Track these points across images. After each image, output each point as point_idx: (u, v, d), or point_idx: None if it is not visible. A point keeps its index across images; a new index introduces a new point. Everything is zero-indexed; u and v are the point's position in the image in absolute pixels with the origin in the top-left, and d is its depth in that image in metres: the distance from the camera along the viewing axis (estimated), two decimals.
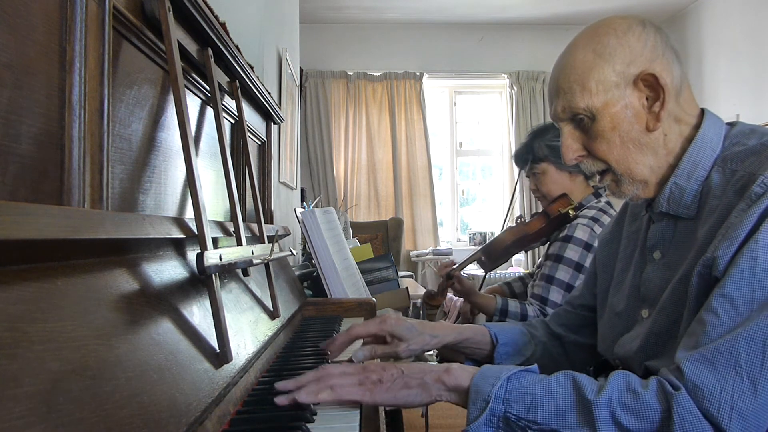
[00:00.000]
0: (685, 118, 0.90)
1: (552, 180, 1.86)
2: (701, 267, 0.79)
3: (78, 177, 0.61)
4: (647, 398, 0.72)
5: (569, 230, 1.76)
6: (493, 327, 1.15)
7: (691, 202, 0.88)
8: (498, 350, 1.12)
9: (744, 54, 4.65)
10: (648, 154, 0.89)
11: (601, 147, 0.90)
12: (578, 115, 0.90)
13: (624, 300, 1.01)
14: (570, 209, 1.79)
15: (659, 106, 0.87)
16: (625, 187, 0.92)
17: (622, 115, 0.88)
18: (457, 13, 5.48)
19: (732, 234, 0.76)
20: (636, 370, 0.93)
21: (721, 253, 0.77)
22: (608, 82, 0.87)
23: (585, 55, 0.89)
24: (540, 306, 1.75)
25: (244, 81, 1.28)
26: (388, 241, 5.05)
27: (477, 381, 0.78)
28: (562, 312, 1.21)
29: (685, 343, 0.76)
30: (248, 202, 1.42)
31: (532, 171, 1.90)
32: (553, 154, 1.83)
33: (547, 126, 1.93)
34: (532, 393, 0.76)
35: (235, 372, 0.79)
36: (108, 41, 0.66)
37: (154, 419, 0.54)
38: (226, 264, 0.82)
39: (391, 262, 2.30)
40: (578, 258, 1.72)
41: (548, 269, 1.76)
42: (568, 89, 0.90)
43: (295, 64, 3.62)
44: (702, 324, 0.75)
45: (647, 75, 0.86)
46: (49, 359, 0.44)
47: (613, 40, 0.88)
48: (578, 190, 1.86)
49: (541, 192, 1.89)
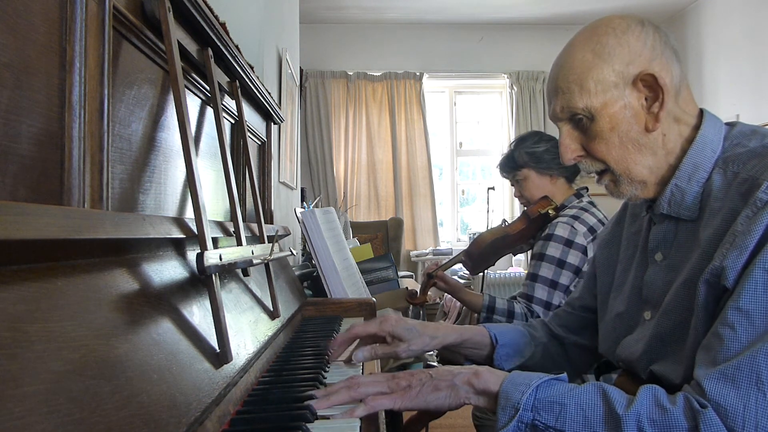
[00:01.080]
0: (684, 119, 0.90)
1: (534, 185, 1.92)
2: (709, 275, 0.78)
3: (78, 177, 0.61)
4: (675, 414, 0.71)
5: (550, 229, 1.80)
6: (493, 328, 1.15)
7: (693, 204, 0.88)
8: (498, 351, 1.12)
9: (744, 54, 4.65)
10: (647, 155, 0.89)
11: (599, 147, 0.90)
12: (577, 115, 0.90)
13: (625, 301, 1.01)
14: (550, 209, 1.84)
15: (658, 106, 0.87)
16: (623, 188, 0.92)
17: (620, 116, 0.87)
18: (457, 13, 5.48)
19: (740, 243, 0.75)
20: (640, 372, 0.92)
21: (730, 263, 0.76)
22: (607, 82, 0.87)
23: (584, 54, 0.88)
24: (526, 304, 1.79)
25: (244, 81, 1.28)
26: (388, 241, 5.05)
27: (506, 387, 0.78)
28: (562, 313, 1.21)
29: (703, 359, 0.75)
30: (248, 202, 1.42)
31: (515, 178, 1.97)
32: (532, 160, 1.90)
33: (526, 134, 2.00)
34: (561, 403, 0.76)
35: (235, 372, 0.79)
36: (108, 41, 0.66)
37: (154, 419, 0.54)
38: (226, 264, 0.82)
39: (391, 262, 2.31)
40: (560, 255, 1.76)
41: (532, 268, 1.81)
42: (567, 89, 0.89)
43: (295, 64, 3.62)
44: (719, 338, 0.74)
45: (646, 75, 0.86)
46: (49, 359, 0.44)
47: (612, 39, 0.87)
48: (560, 192, 1.92)
49: (525, 197, 1.96)
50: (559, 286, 1.75)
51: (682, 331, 0.85)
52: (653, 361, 0.90)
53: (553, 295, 1.76)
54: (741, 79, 4.69)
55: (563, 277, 1.75)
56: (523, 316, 1.77)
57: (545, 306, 1.76)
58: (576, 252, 1.75)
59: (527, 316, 1.77)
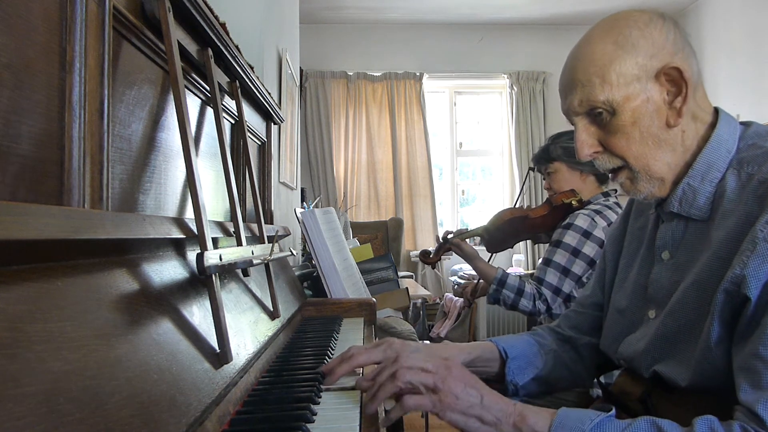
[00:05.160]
0: (701, 116, 0.88)
1: (563, 178, 1.96)
2: (728, 284, 0.76)
3: (78, 177, 0.61)
4: None
5: (570, 219, 1.84)
6: (500, 341, 1.11)
7: (704, 204, 0.86)
8: (509, 365, 1.08)
9: (744, 54, 4.65)
10: (667, 151, 0.87)
11: (619, 142, 0.87)
12: (596, 109, 0.87)
13: (627, 298, 1.00)
14: (574, 200, 1.89)
15: (681, 101, 0.84)
16: (641, 185, 0.89)
17: (642, 110, 0.85)
18: (457, 13, 5.48)
19: (762, 251, 0.74)
20: (642, 371, 0.92)
21: (751, 272, 0.74)
22: (629, 74, 0.84)
23: (605, 46, 0.86)
24: (537, 286, 1.82)
25: (244, 81, 1.28)
26: (388, 241, 5.04)
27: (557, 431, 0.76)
28: (572, 314, 1.18)
29: (747, 382, 0.73)
30: (248, 202, 1.42)
31: (546, 170, 2.00)
32: (565, 154, 1.94)
33: (564, 131, 2.03)
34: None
35: (235, 372, 0.79)
36: (108, 41, 0.66)
37: (154, 419, 0.54)
38: (226, 264, 0.82)
39: (391, 262, 2.30)
40: (576, 244, 1.79)
41: (547, 253, 1.84)
42: (587, 81, 0.86)
43: (295, 64, 3.62)
44: (762, 360, 0.71)
45: (671, 69, 0.84)
46: (49, 359, 0.44)
47: (636, 32, 0.85)
48: (588, 189, 1.95)
49: (554, 190, 1.99)
50: (570, 274, 1.78)
51: (688, 332, 0.84)
52: (657, 360, 0.89)
53: (564, 282, 1.78)
54: (741, 79, 4.69)
55: (576, 266, 1.78)
56: (531, 296, 1.81)
57: (554, 291, 1.79)
58: (593, 244, 1.77)
59: (535, 297, 1.81)
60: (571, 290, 1.79)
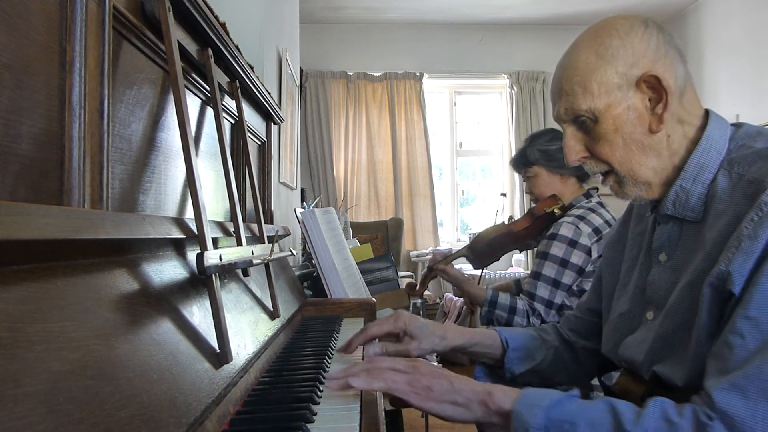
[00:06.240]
0: (688, 119, 0.89)
1: (544, 182, 1.93)
2: (714, 279, 0.78)
3: (78, 177, 0.61)
4: (683, 428, 0.71)
5: (555, 228, 1.81)
6: (504, 332, 1.14)
7: (697, 206, 0.87)
8: (509, 355, 1.12)
9: (744, 54, 4.65)
10: (651, 156, 0.89)
11: (603, 149, 0.90)
12: (580, 117, 0.90)
13: (628, 301, 1.00)
14: (556, 208, 1.85)
15: (662, 107, 0.86)
16: (628, 189, 0.91)
17: (624, 117, 0.87)
18: (457, 13, 5.48)
19: (746, 247, 0.75)
20: (642, 373, 0.92)
21: (736, 267, 0.75)
22: (610, 83, 0.87)
23: (587, 56, 0.88)
24: (528, 301, 1.80)
25: (244, 81, 1.28)
26: (388, 241, 5.05)
27: (519, 408, 0.78)
28: (571, 318, 1.21)
29: (712, 368, 0.75)
30: (248, 202, 1.42)
31: (526, 174, 1.98)
32: (544, 158, 1.91)
33: (541, 132, 2.01)
34: (572, 421, 0.76)
35: (235, 372, 0.79)
36: (108, 41, 0.66)
37: (154, 419, 0.54)
38: (226, 264, 0.82)
39: (391, 262, 2.31)
40: (563, 254, 1.77)
41: (536, 266, 1.82)
42: (570, 91, 0.89)
43: (295, 64, 3.62)
44: (729, 347, 0.73)
45: (650, 77, 0.85)
46: (49, 359, 0.44)
47: (616, 41, 0.87)
48: (569, 192, 1.92)
49: (535, 194, 1.97)
50: (561, 286, 1.76)
51: (685, 332, 0.84)
52: (655, 361, 0.89)
53: (555, 294, 1.77)
54: (741, 79, 4.69)
55: (566, 276, 1.76)
56: (524, 313, 1.78)
57: (547, 304, 1.77)
58: (579, 252, 1.75)
59: (528, 313, 1.78)
60: (563, 300, 1.78)
